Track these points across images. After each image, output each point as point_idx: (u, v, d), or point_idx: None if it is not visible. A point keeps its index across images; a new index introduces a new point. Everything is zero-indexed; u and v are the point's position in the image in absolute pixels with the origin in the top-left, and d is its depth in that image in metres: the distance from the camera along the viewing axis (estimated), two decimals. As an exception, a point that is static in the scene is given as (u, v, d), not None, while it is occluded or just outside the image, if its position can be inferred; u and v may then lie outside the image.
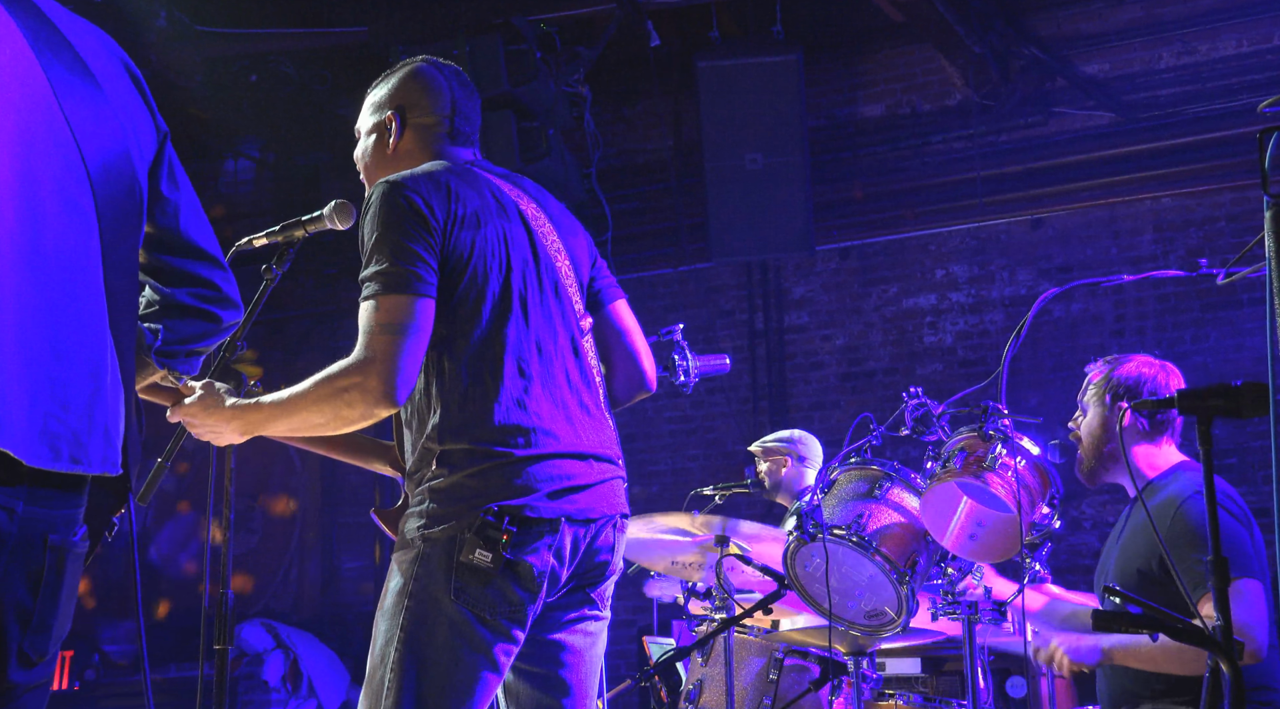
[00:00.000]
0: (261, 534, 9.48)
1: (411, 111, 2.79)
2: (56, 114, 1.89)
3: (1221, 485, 3.55)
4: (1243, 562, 3.33)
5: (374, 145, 2.82)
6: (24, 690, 1.84)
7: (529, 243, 2.65)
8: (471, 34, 6.72)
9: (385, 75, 2.87)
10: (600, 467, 2.60)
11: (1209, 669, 2.48)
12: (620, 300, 2.86)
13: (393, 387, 2.43)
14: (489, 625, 2.44)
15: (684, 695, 4.40)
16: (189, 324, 2.20)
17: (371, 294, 2.47)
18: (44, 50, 1.92)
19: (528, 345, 2.57)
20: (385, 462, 2.83)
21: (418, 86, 2.81)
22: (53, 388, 1.80)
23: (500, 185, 2.72)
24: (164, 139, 2.14)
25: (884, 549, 3.53)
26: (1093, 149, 7.52)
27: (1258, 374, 6.70)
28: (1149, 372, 3.64)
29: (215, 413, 2.61)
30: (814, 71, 7.87)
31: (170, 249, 2.17)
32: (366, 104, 2.87)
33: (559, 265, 2.70)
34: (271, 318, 9.08)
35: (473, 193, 2.61)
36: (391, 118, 2.79)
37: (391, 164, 2.76)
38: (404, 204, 2.51)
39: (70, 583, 1.87)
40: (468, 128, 2.83)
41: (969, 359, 7.83)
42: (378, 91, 2.85)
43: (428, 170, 2.63)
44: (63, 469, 1.81)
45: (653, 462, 8.41)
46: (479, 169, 2.74)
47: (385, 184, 2.56)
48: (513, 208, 2.68)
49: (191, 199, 2.19)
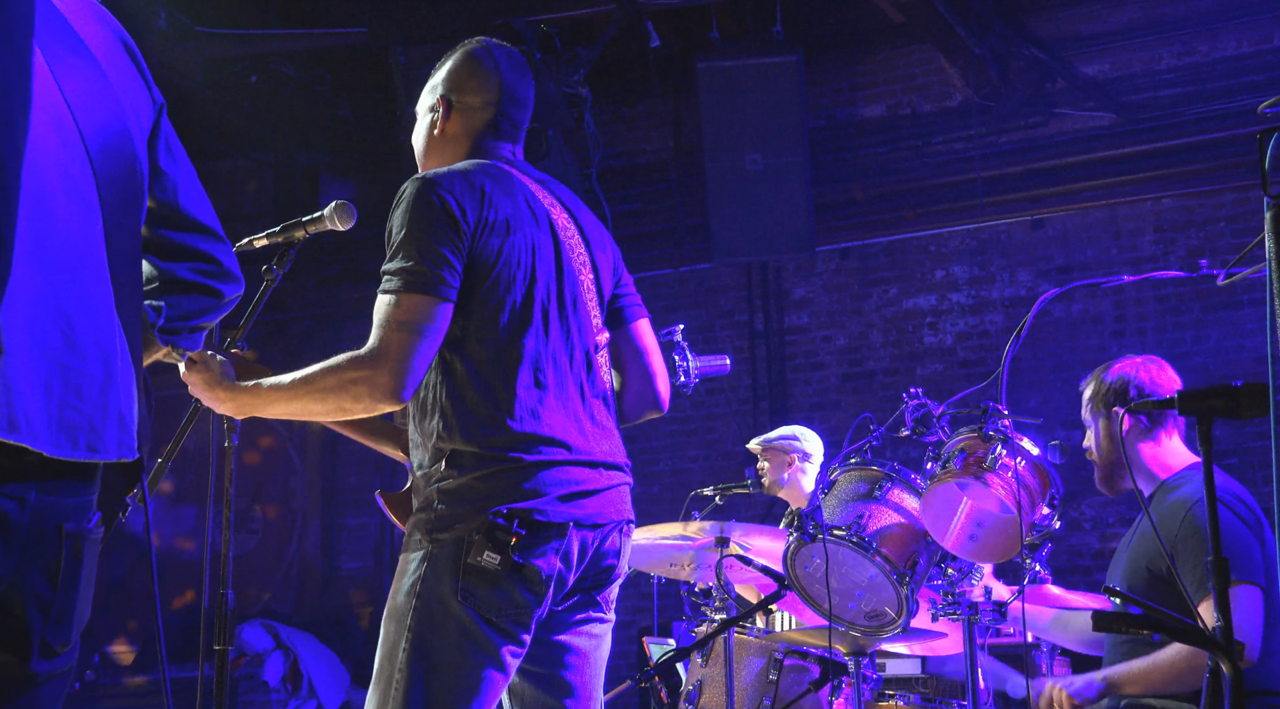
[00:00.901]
0: (261, 535, 9.48)
1: (461, 95, 2.76)
2: (55, 93, 1.88)
3: (1235, 488, 3.55)
4: (1245, 566, 3.33)
5: (425, 128, 2.80)
6: (45, 679, 1.84)
7: (555, 253, 2.64)
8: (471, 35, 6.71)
9: (447, 54, 2.84)
10: (609, 473, 2.60)
11: (1209, 670, 2.48)
12: (643, 319, 2.85)
13: (402, 384, 2.42)
14: (495, 627, 2.43)
15: (684, 696, 4.40)
16: (191, 300, 2.17)
17: (394, 289, 2.46)
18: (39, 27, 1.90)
19: (545, 356, 2.56)
20: (396, 445, 2.83)
21: (467, 70, 2.78)
22: (67, 377, 1.80)
23: (535, 191, 2.70)
24: (160, 110, 2.11)
25: (884, 550, 3.53)
26: (1093, 150, 7.52)
27: (1258, 375, 6.70)
28: (1130, 370, 3.64)
29: (211, 389, 2.60)
30: (814, 72, 7.87)
31: (169, 223, 2.14)
32: (427, 85, 2.84)
33: (582, 278, 2.69)
34: (272, 318, 9.08)
35: (506, 198, 2.60)
36: (441, 101, 2.76)
37: (439, 147, 2.75)
38: (437, 204, 2.50)
39: (88, 570, 1.86)
40: (517, 114, 2.78)
41: (969, 360, 7.83)
42: (437, 72, 2.83)
43: (464, 170, 2.61)
44: (81, 458, 1.81)
45: (653, 462, 8.40)
46: (516, 171, 2.71)
47: (420, 181, 2.55)
48: (544, 216, 2.66)
49: (189, 172, 2.16)
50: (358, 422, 2.80)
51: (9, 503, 1.75)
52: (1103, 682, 3.49)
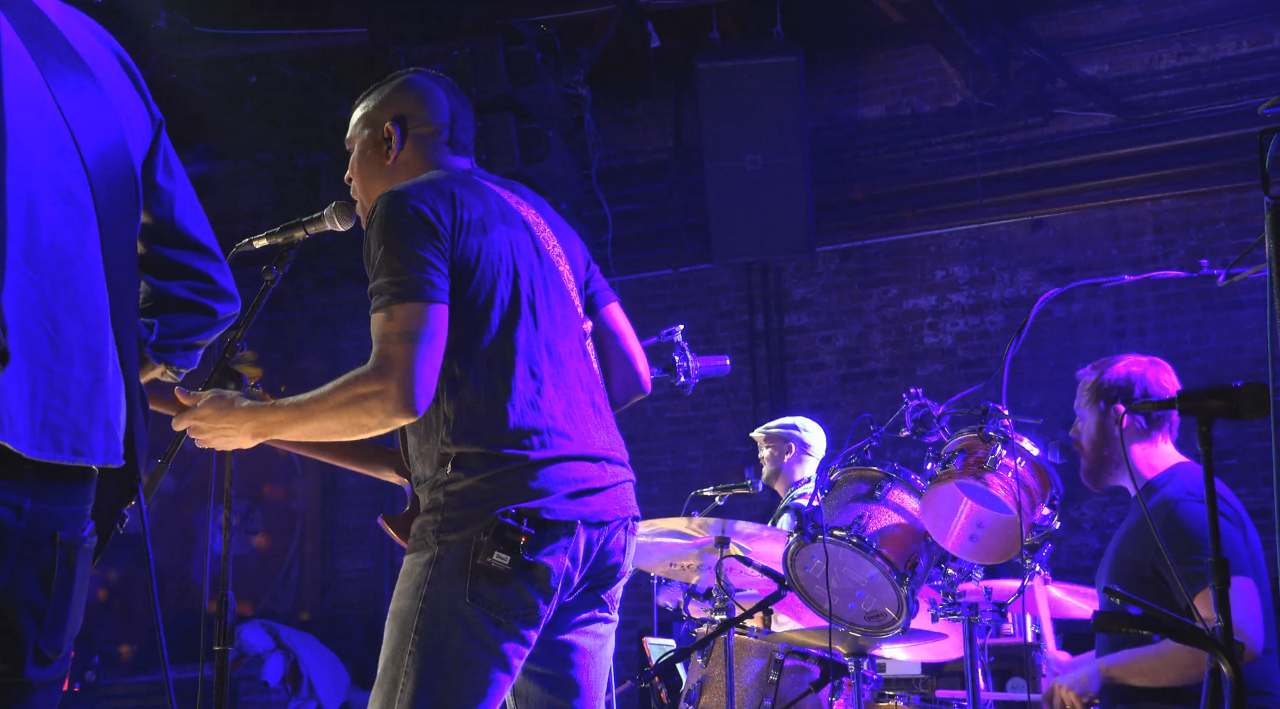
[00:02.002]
0: (261, 535, 9.48)
1: (411, 122, 2.75)
2: (50, 105, 1.89)
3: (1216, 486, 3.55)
4: (1234, 561, 3.33)
5: (371, 157, 2.77)
6: (39, 687, 1.84)
7: (533, 248, 2.65)
8: (471, 35, 6.72)
9: (375, 87, 2.82)
10: (613, 469, 2.61)
11: (1209, 670, 2.47)
12: (614, 303, 2.85)
13: (413, 395, 2.40)
14: (503, 627, 2.43)
15: (684, 696, 4.40)
16: (185, 318, 2.17)
17: (384, 304, 2.45)
18: (34, 41, 1.90)
19: (538, 348, 2.56)
20: (391, 468, 2.82)
21: (415, 97, 2.77)
22: (51, 380, 1.80)
23: (500, 192, 2.72)
24: (159, 128, 2.12)
25: (884, 550, 3.53)
26: (1093, 150, 7.53)
27: (1258, 375, 6.70)
28: (1138, 370, 3.63)
29: (229, 414, 2.57)
30: (814, 72, 7.87)
31: (165, 240, 2.14)
32: (357, 117, 2.81)
33: (561, 269, 2.70)
34: (271, 319, 9.08)
35: (476, 200, 2.61)
36: (391, 129, 2.74)
37: (389, 175, 2.73)
38: (411, 213, 2.49)
39: (81, 578, 1.87)
40: (466, 137, 2.80)
41: (969, 360, 7.83)
42: (368, 103, 2.80)
43: (430, 179, 2.61)
44: (64, 461, 1.81)
45: (653, 462, 8.40)
46: (478, 177, 2.73)
47: (389, 195, 2.54)
48: (514, 214, 2.68)
49: (187, 189, 2.17)
50: (350, 449, 2.78)
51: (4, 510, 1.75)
52: (1105, 672, 3.47)
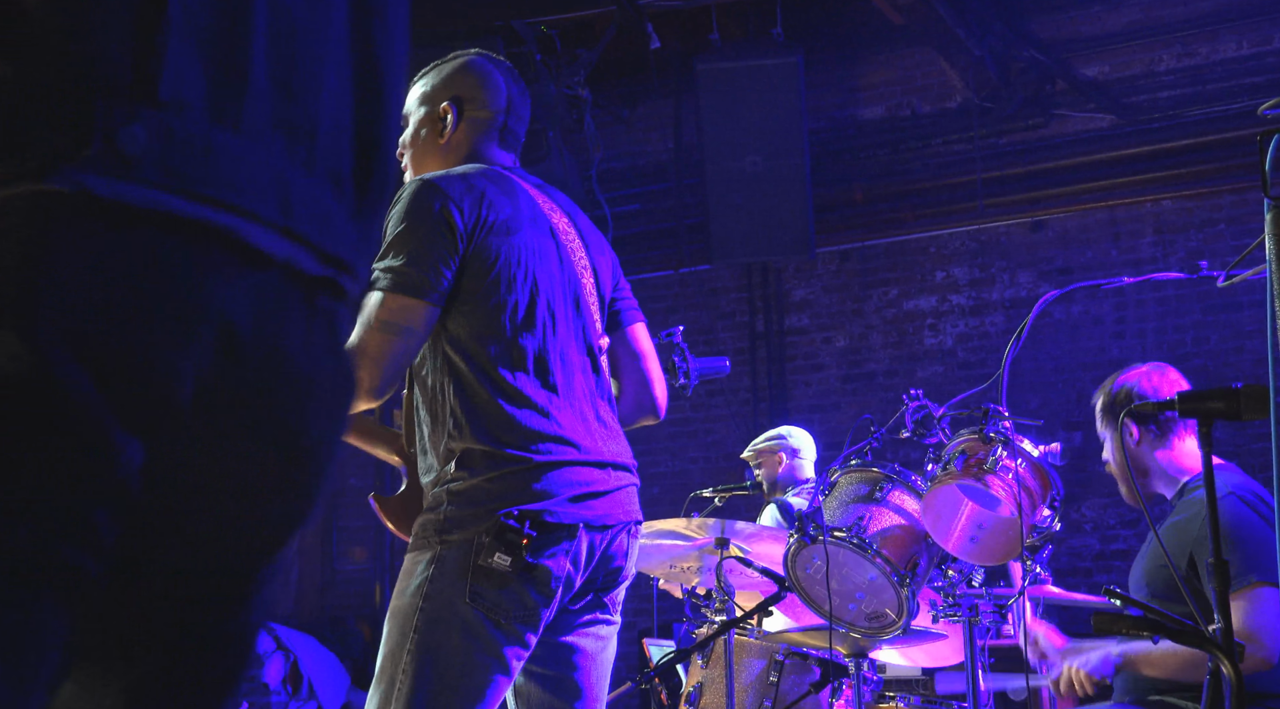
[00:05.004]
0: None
1: (468, 104, 2.74)
2: None
3: (1253, 486, 3.55)
4: (1267, 566, 3.31)
5: (426, 135, 2.76)
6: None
7: (556, 256, 2.64)
8: (471, 36, 6.72)
9: (436, 65, 2.81)
10: (617, 474, 2.61)
11: (1209, 672, 2.47)
12: (640, 323, 2.85)
13: (377, 382, 2.43)
14: (502, 629, 2.43)
15: (684, 698, 4.40)
16: None
17: (382, 287, 2.47)
18: None
19: (552, 356, 2.56)
20: (391, 448, 2.82)
21: (474, 79, 2.76)
22: None
23: (534, 195, 2.71)
24: None
25: (885, 551, 3.53)
26: (1093, 151, 7.53)
27: (1258, 377, 6.70)
28: (1134, 379, 3.64)
29: None
30: (814, 73, 7.87)
31: None
32: (415, 92, 2.80)
33: (583, 281, 2.70)
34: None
35: (506, 201, 2.60)
36: (448, 108, 2.74)
37: (441, 155, 2.73)
38: (435, 208, 2.50)
39: None
40: (518, 127, 2.79)
41: (969, 361, 7.83)
42: (427, 81, 2.80)
43: (464, 173, 2.62)
44: None
45: (653, 464, 8.40)
46: (515, 177, 2.72)
47: (420, 182, 2.55)
48: (544, 220, 2.67)
49: None
50: (354, 421, 2.79)
51: None
52: (1119, 657, 3.47)
